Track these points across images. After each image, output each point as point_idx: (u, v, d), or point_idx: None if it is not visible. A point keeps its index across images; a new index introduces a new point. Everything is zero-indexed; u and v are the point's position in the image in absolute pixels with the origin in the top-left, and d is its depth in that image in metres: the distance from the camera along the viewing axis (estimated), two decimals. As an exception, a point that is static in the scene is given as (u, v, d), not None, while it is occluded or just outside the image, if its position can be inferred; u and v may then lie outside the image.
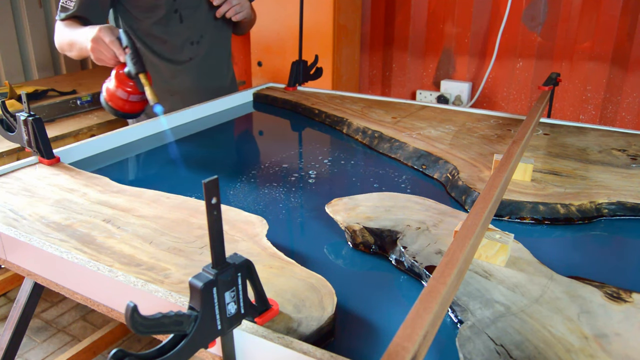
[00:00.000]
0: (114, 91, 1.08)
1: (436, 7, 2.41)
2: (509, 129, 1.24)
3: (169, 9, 1.41)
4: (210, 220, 0.44)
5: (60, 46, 1.34)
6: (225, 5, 1.44)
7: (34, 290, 1.02)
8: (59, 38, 1.33)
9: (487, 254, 0.68)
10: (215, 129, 1.35)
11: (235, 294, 0.48)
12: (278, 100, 1.52)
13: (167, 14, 1.41)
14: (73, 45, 1.27)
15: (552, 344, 0.54)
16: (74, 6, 1.30)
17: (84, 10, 1.31)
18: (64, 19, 1.32)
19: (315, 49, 2.27)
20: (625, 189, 0.90)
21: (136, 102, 1.10)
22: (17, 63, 2.57)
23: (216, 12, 1.46)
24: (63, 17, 1.32)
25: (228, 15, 1.46)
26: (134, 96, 1.08)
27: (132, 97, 1.08)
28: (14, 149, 1.75)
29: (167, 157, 1.17)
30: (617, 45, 2.07)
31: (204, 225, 0.77)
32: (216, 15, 1.46)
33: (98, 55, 1.13)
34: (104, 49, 1.11)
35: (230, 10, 1.45)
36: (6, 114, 1.02)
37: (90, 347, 1.73)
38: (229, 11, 1.45)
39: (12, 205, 0.84)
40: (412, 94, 2.62)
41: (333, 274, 0.69)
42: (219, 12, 1.45)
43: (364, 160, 1.13)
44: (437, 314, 0.45)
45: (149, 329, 0.42)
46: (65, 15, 1.31)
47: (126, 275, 0.63)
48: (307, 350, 0.49)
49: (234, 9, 1.46)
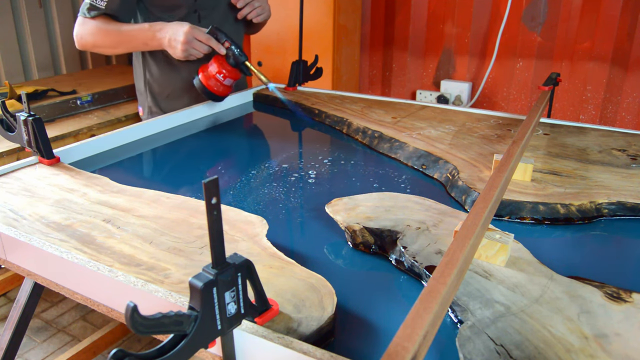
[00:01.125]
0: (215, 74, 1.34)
1: (436, 7, 2.41)
2: (509, 129, 1.24)
3: (190, 9, 1.42)
4: (210, 220, 0.44)
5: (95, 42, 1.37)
6: (248, 7, 1.45)
7: (34, 290, 1.02)
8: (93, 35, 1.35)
9: (487, 254, 0.68)
10: (216, 129, 1.35)
11: (235, 294, 0.48)
12: (278, 100, 1.52)
13: (187, 14, 1.42)
14: (124, 42, 1.35)
15: (552, 344, 0.54)
16: (105, 6, 1.32)
17: (115, 9, 1.34)
18: (94, 17, 1.34)
19: (315, 49, 2.27)
20: (625, 189, 0.90)
21: (228, 86, 1.38)
22: (17, 63, 2.57)
23: (238, 14, 1.47)
24: (94, 14, 1.34)
25: (250, 17, 1.47)
26: (228, 80, 1.36)
27: (227, 80, 1.35)
28: (14, 149, 1.75)
29: (167, 157, 1.18)
30: (617, 45, 2.06)
31: (204, 225, 0.77)
32: (237, 16, 1.47)
33: (190, 52, 1.31)
34: (199, 46, 1.30)
35: (253, 12, 1.46)
36: (6, 114, 1.02)
37: (90, 347, 1.73)
38: (252, 13, 1.46)
39: (12, 205, 0.84)
40: (412, 94, 2.62)
41: (333, 274, 0.69)
42: (241, 14, 1.46)
43: (364, 160, 1.13)
44: (437, 314, 0.45)
45: (149, 329, 0.42)
46: (96, 13, 1.33)
47: (126, 275, 0.63)
48: (307, 350, 0.49)
49: (256, 11, 1.47)
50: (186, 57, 1.33)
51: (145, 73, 1.53)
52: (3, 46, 2.48)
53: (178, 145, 1.23)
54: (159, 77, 1.51)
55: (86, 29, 1.36)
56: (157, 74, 1.51)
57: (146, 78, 1.53)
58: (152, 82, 1.53)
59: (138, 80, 1.57)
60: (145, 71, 1.53)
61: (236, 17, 1.50)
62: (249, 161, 1.17)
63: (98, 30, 1.35)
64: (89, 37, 1.37)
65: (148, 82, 1.53)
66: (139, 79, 1.56)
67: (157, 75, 1.51)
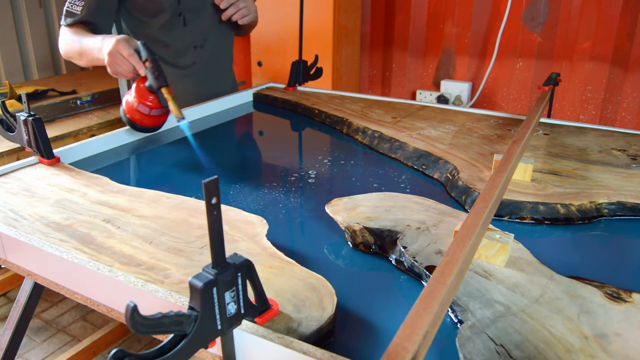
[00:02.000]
0: (135, 106, 1.05)
1: (436, 7, 2.41)
2: (509, 129, 1.24)
3: (174, 13, 1.37)
4: (210, 220, 0.44)
5: (67, 54, 1.29)
6: (232, 9, 1.39)
7: (34, 290, 1.02)
8: (65, 45, 1.28)
9: (487, 254, 0.68)
10: (216, 129, 1.35)
11: (235, 294, 0.48)
12: (278, 100, 1.52)
13: (171, 18, 1.38)
14: (84, 54, 1.23)
15: (552, 344, 0.54)
16: (81, 11, 1.26)
17: (91, 15, 1.27)
18: (70, 24, 1.28)
19: (315, 49, 2.27)
20: (625, 189, 0.90)
21: (157, 116, 1.08)
22: (17, 63, 2.57)
23: (222, 15, 1.41)
24: (70, 22, 1.28)
25: (234, 18, 1.41)
26: (155, 110, 1.06)
27: (153, 111, 1.06)
28: (14, 149, 1.75)
29: (167, 157, 1.17)
30: (617, 45, 2.06)
31: (204, 225, 0.77)
32: (222, 18, 1.41)
33: (115, 68, 1.11)
34: (122, 62, 1.08)
35: (237, 14, 1.40)
36: (6, 114, 1.02)
37: (90, 347, 1.73)
38: (236, 14, 1.40)
39: (12, 205, 0.84)
40: (412, 94, 2.62)
41: (333, 274, 0.69)
42: (225, 15, 1.40)
43: (364, 160, 1.13)
44: (437, 314, 0.45)
45: (149, 329, 0.42)
46: (72, 20, 1.27)
47: (126, 275, 0.63)
48: (307, 350, 0.49)
49: (241, 12, 1.40)
50: (115, 74, 1.14)
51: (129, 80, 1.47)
52: (3, 46, 2.48)
53: (178, 145, 1.23)
54: None
55: (62, 39, 1.29)
56: None
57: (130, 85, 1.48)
58: None
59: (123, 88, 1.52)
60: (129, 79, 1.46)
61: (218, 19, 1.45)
62: (249, 161, 1.17)
63: (68, 41, 1.27)
64: (62, 46, 1.29)
65: None
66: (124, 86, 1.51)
67: None
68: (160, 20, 1.37)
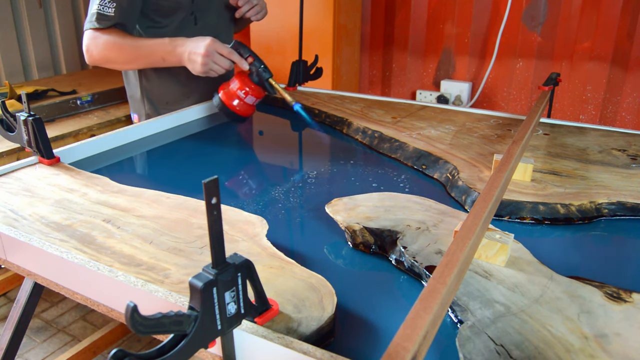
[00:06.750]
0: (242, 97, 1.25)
1: (436, 7, 2.41)
2: (509, 129, 1.24)
3: (187, 12, 1.39)
4: (210, 220, 0.44)
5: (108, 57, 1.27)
6: (247, 5, 1.41)
7: (34, 290, 1.02)
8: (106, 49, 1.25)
9: (487, 254, 0.68)
10: (215, 129, 1.35)
11: (235, 294, 0.48)
12: (278, 100, 1.52)
13: (185, 17, 1.39)
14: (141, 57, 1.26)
15: (552, 344, 0.54)
16: (114, 12, 1.23)
17: (123, 17, 1.26)
18: (105, 27, 1.25)
19: (315, 49, 2.27)
20: (625, 189, 0.90)
21: (251, 105, 1.28)
22: (17, 63, 2.57)
23: (236, 12, 1.44)
24: (104, 25, 1.24)
25: (248, 15, 1.43)
26: (251, 97, 1.26)
27: (249, 98, 1.26)
28: (14, 149, 1.75)
29: (167, 157, 1.17)
30: (617, 45, 2.06)
31: (204, 225, 0.77)
32: (236, 15, 1.45)
33: (211, 66, 1.21)
34: (220, 60, 1.20)
35: (252, 10, 1.43)
36: (6, 114, 1.02)
37: (90, 347, 1.73)
38: (250, 11, 1.43)
39: (12, 205, 0.84)
40: (412, 94, 2.62)
41: (333, 274, 0.69)
42: (240, 12, 1.43)
43: (364, 160, 1.13)
44: (437, 314, 0.45)
45: (149, 329, 0.42)
46: (107, 24, 1.24)
47: (126, 275, 0.63)
48: (307, 350, 0.49)
49: (255, 9, 1.43)
50: (206, 72, 1.23)
51: (142, 80, 1.47)
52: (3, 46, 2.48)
53: (178, 145, 1.23)
54: (157, 84, 1.47)
55: (98, 43, 1.25)
56: (155, 81, 1.46)
57: (142, 85, 1.47)
58: (149, 89, 1.48)
59: (132, 88, 1.51)
60: (141, 78, 1.47)
61: (229, 17, 1.47)
62: (248, 161, 1.17)
63: (112, 45, 1.25)
64: (101, 51, 1.26)
65: (145, 89, 1.48)
66: (133, 86, 1.50)
67: (156, 82, 1.47)
68: (174, 19, 1.38)
